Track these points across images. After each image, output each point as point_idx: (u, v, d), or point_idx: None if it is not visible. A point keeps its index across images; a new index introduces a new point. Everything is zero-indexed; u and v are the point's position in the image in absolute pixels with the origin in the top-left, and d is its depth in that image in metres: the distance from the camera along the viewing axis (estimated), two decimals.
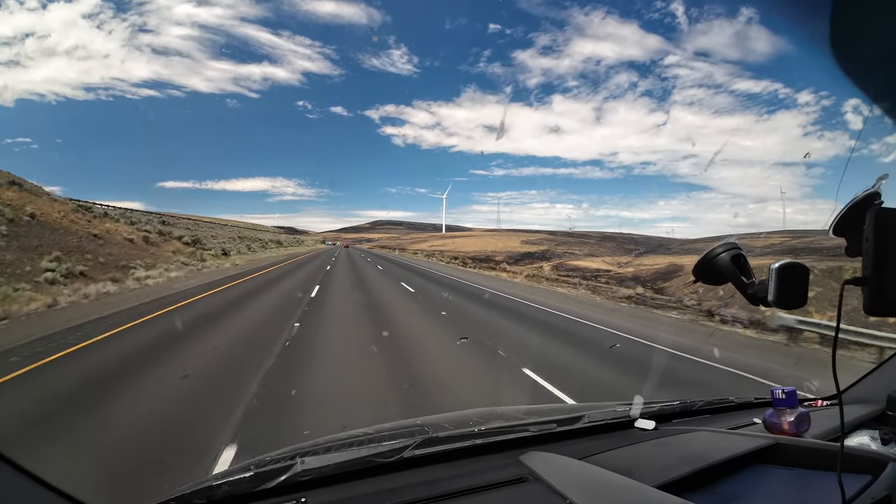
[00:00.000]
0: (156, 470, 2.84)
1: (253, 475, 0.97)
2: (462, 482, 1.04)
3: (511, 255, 55.17)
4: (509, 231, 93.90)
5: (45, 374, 4.84)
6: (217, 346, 6.25)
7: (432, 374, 5.30)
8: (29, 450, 2.99)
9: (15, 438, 3.22)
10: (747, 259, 0.89)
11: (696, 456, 1.14)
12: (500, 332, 8.00)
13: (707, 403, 1.75)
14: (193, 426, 3.55)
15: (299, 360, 5.53)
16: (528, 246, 63.66)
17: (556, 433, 1.34)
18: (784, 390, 1.41)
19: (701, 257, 0.92)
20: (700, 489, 1.05)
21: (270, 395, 4.23)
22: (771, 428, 1.41)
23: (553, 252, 57.42)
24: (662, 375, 5.87)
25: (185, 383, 4.59)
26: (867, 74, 0.81)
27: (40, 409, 3.88)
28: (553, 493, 0.97)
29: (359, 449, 1.11)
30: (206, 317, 8.58)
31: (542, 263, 50.69)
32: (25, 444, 3.11)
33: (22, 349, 5.81)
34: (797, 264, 0.79)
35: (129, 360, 5.46)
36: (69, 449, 3.12)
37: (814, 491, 1.01)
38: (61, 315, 8.54)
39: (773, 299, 0.79)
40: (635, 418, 1.49)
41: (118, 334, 6.85)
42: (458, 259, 47.32)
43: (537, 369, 5.47)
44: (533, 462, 1.13)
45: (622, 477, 1.02)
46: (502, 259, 55.22)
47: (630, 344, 7.83)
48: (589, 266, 44.73)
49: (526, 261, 53.48)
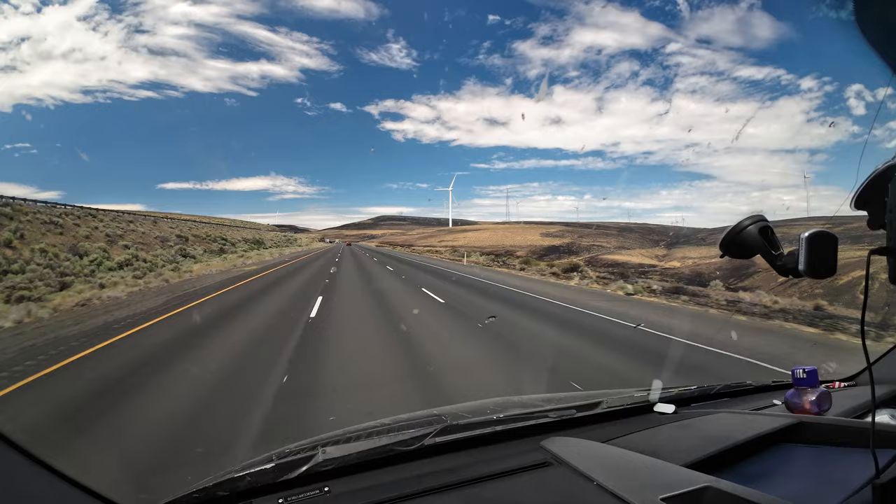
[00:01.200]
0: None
1: (275, 466, 0.97)
2: (485, 468, 1.02)
3: (534, 250, 49.84)
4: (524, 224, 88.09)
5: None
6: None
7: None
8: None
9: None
10: (774, 231, 0.88)
11: (720, 436, 1.13)
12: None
13: (726, 387, 1.71)
14: None
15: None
16: (549, 239, 58.31)
17: (575, 419, 1.32)
18: (805, 370, 1.39)
19: (727, 231, 0.90)
20: (726, 468, 1.03)
21: None
22: (792, 408, 1.40)
23: (579, 245, 52.17)
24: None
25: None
26: (872, 57, 0.77)
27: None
28: (579, 475, 0.95)
29: (379, 438, 1.10)
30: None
31: (571, 258, 45.41)
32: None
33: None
34: (827, 233, 0.78)
35: None
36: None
37: (841, 466, 1.00)
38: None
39: (804, 268, 0.78)
40: (654, 402, 1.47)
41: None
42: (482, 255, 42.10)
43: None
44: (555, 446, 1.12)
45: (648, 457, 1.01)
46: (525, 254, 50.04)
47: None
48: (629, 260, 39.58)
49: (552, 255, 48.20)
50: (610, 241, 56.94)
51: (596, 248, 51.97)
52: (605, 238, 58.93)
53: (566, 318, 8.76)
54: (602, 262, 36.88)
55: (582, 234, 60.69)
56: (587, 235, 59.49)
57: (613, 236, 62.79)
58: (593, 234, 62.36)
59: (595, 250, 49.99)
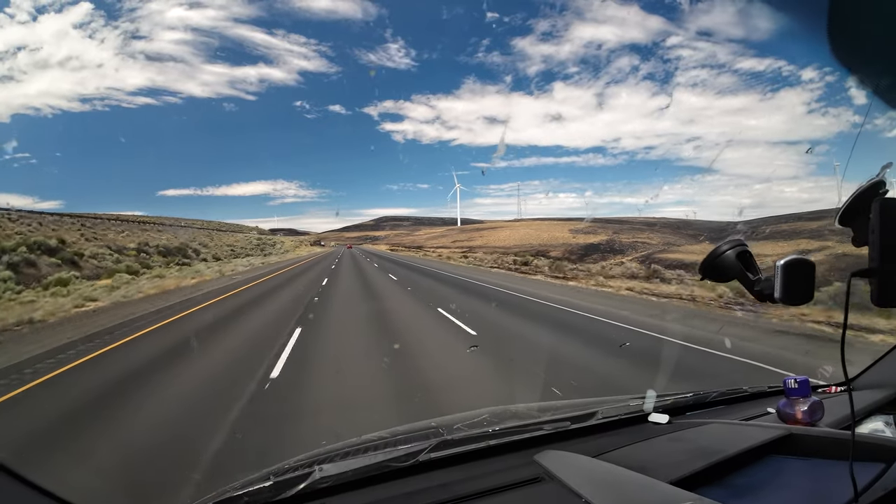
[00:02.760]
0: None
1: (272, 484, 0.96)
2: (478, 484, 1.02)
3: (570, 249, 43.37)
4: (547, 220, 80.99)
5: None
6: None
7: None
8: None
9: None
10: (753, 255, 0.88)
11: (711, 449, 1.13)
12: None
13: (720, 394, 1.68)
14: None
15: None
16: (581, 236, 51.61)
17: (570, 430, 1.31)
18: (796, 379, 1.38)
19: (707, 255, 0.91)
20: (715, 482, 1.04)
21: None
22: (784, 418, 1.39)
23: (620, 242, 45.59)
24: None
25: None
26: (869, 49, 0.78)
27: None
28: (569, 492, 0.96)
29: (375, 454, 1.10)
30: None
31: (620, 258, 38.84)
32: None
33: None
34: (803, 260, 0.78)
35: None
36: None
37: (828, 481, 1.00)
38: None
39: (780, 296, 0.78)
40: (649, 413, 1.44)
41: None
42: (514, 257, 35.28)
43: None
44: (547, 461, 1.11)
45: (636, 474, 1.00)
46: (561, 254, 43.41)
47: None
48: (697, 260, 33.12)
49: (593, 255, 41.66)
50: (650, 236, 50.21)
51: (641, 245, 45.34)
52: (642, 234, 52.17)
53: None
54: (664, 262, 30.32)
55: (616, 230, 53.90)
56: (623, 232, 52.75)
57: (643, 231, 56.16)
58: (626, 229, 55.59)
59: (642, 248, 43.42)
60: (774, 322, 8.40)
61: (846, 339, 0.76)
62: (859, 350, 6.02)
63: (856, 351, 5.84)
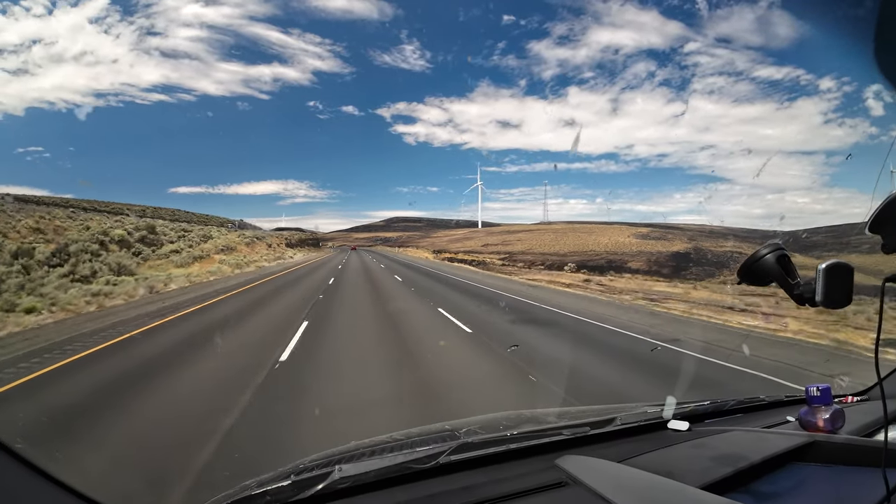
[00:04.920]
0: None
1: (292, 483, 0.95)
2: (501, 487, 1.01)
3: (654, 259, 34.77)
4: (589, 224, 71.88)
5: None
6: None
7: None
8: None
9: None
10: (791, 259, 0.86)
11: (735, 456, 1.11)
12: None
13: (739, 403, 1.67)
14: None
15: None
16: (650, 243, 42.79)
17: (588, 436, 1.29)
18: (819, 388, 1.36)
19: (745, 259, 0.90)
20: (739, 489, 1.02)
21: None
22: (806, 426, 1.37)
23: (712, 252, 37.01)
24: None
25: None
26: (892, 56, 0.75)
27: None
28: (597, 497, 0.93)
29: (394, 455, 1.08)
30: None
31: (727, 273, 30.24)
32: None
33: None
34: (843, 264, 0.77)
35: None
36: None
37: (854, 487, 0.98)
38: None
39: (821, 299, 0.78)
40: (668, 419, 1.44)
41: None
42: (581, 270, 26.42)
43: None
44: (570, 466, 1.09)
45: (665, 479, 0.99)
46: (643, 265, 34.96)
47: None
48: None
49: (690, 267, 33.15)
50: (738, 245, 41.30)
51: (738, 255, 36.74)
52: (727, 242, 43.32)
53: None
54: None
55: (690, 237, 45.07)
56: (698, 238, 44.02)
57: (715, 238, 47.55)
58: (700, 236, 46.81)
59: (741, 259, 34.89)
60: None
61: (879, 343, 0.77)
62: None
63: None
